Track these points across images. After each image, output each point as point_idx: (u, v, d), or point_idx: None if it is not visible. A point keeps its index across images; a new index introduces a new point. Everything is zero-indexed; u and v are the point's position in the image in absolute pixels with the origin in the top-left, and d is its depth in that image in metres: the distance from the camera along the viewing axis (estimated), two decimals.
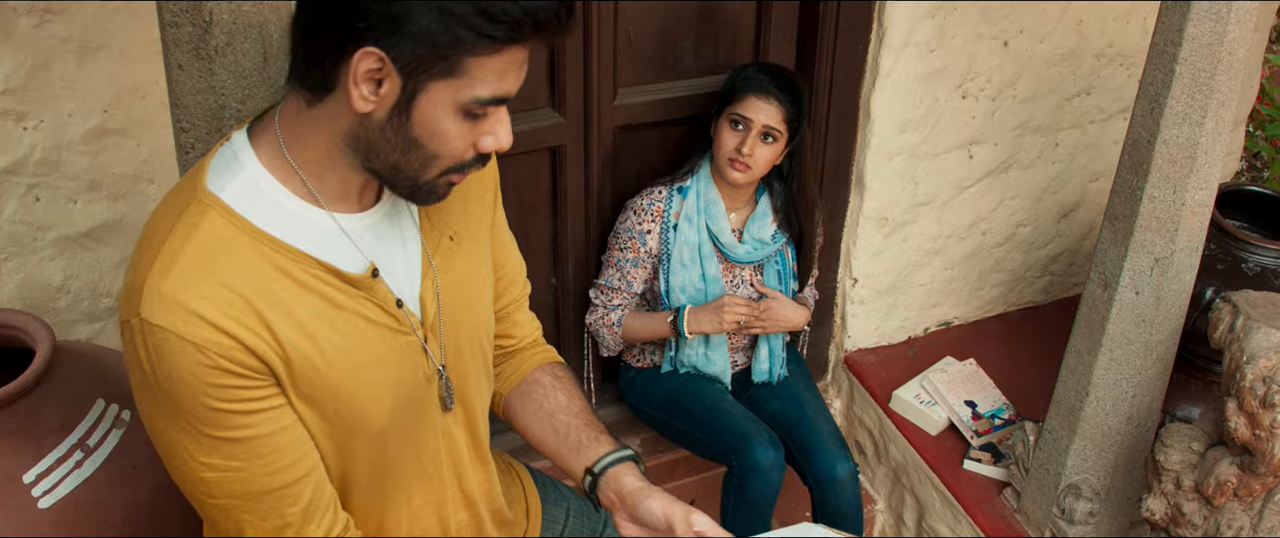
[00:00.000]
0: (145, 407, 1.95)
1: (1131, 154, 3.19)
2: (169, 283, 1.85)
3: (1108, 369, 3.40)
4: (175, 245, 1.88)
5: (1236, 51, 2.97)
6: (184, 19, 2.19)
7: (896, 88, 4.08)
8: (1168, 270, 3.22)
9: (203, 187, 1.94)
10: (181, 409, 1.89)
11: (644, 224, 3.73)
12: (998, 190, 4.56)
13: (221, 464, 1.94)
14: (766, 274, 3.85)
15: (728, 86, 3.68)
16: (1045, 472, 3.69)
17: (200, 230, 1.90)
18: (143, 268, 1.88)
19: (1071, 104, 4.49)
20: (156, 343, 1.85)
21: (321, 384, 2.01)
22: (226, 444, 1.93)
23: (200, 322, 1.85)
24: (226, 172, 1.96)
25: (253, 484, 1.98)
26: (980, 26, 4.11)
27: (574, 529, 2.78)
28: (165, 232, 1.91)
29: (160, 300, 1.84)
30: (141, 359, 1.88)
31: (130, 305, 1.88)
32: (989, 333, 4.82)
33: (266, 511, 2.02)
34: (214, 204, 1.92)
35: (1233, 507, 3.18)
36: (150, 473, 2.79)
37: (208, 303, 1.86)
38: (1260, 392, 2.92)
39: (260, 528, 2.02)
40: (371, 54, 1.80)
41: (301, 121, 1.95)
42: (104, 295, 3.32)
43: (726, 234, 3.76)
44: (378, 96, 1.85)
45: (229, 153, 1.99)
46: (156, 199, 3.24)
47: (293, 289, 1.96)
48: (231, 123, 2.27)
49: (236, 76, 2.24)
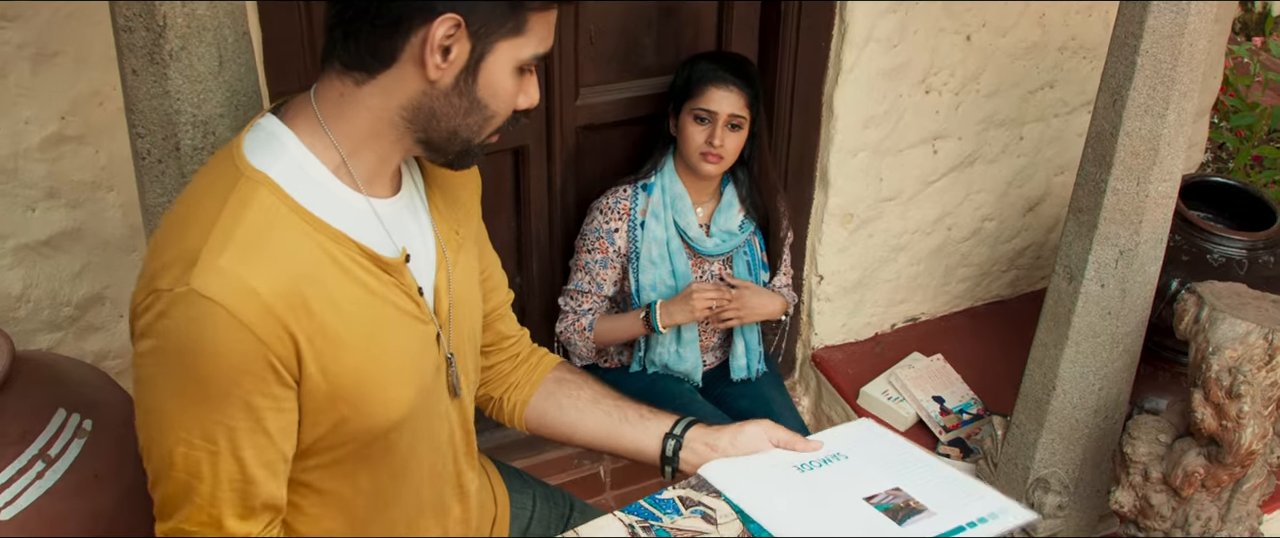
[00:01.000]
0: (147, 372, 1.93)
1: (1094, 147, 3.19)
2: (227, 257, 1.86)
3: (1074, 362, 3.40)
4: (229, 221, 1.90)
5: (1197, 43, 2.97)
6: (137, 23, 2.17)
7: (859, 84, 4.08)
8: (1132, 262, 3.22)
9: (248, 164, 1.96)
10: (195, 387, 1.90)
11: (611, 223, 3.72)
12: (963, 185, 4.56)
13: (201, 445, 1.94)
14: (736, 265, 3.84)
15: (683, 82, 3.66)
16: (1014, 466, 3.69)
17: (252, 207, 1.92)
18: (192, 240, 1.88)
19: (1035, 98, 4.50)
20: (198, 315, 1.85)
21: (348, 371, 2.02)
22: (220, 429, 1.93)
23: (254, 300, 1.86)
24: (268, 151, 1.99)
25: (219, 471, 1.97)
26: (942, 21, 4.11)
27: (541, 516, 2.81)
28: (215, 206, 1.92)
29: (217, 274, 1.85)
30: (170, 328, 1.86)
31: (174, 276, 1.86)
32: (956, 328, 4.83)
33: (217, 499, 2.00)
34: (264, 181, 1.95)
35: (1201, 498, 3.19)
36: (113, 482, 2.76)
37: (264, 281, 1.88)
38: (1226, 382, 2.93)
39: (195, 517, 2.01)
40: (448, 20, 1.90)
41: (347, 102, 2.01)
42: (64, 304, 3.30)
43: (694, 229, 3.74)
44: (447, 63, 1.95)
45: (265, 134, 2.02)
46: (117, 206, 3.22)
47: (335, 273, 1.99)
48: (187, 128, 2.26)
49: (192, 81, 2.23)
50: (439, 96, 1.99)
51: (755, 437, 2.49)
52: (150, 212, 2.38)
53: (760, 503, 2.33)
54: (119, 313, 3.40)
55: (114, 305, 3.38)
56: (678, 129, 3.67)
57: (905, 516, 2.27)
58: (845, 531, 2.23)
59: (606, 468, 4.21)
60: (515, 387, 2.63)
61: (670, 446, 2.48)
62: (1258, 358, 2.93)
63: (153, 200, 2.36)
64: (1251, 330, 2.92)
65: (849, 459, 2.47)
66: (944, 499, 2.32)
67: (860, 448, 2.51)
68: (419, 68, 1.95)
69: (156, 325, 1.88)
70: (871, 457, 2.48)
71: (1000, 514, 2.27)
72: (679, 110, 3.66)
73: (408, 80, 1.97)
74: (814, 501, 2.34)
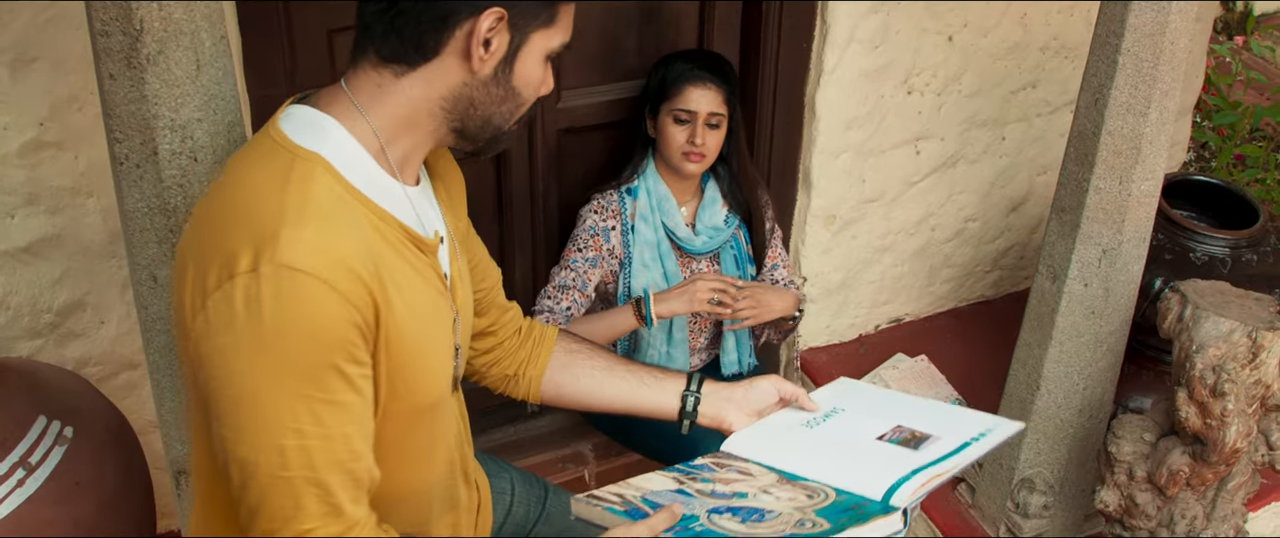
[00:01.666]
0: (237, 366, 1.88)
1: (1077, 146, 3.19)
2: (310, 230, 1.88)
3: (1058, 362, 3.40)
4: (297, 197, 1.91)
5: (1178, 42, 2.98)
6: (114, 27, 2.16)
7: (841, 85, 4.07)
8: (1115, 262, 3.22)
9: (298, 145, 1.98)
10: (293, 366, 1.88)
11: (607, 221, 3.69)
12: (946, 185, 4.56)
13: (312, 431, 1.91)
14: (723, 261, 3.83)
15: (658, 83, 3.65)
16: (998, 467, 3.70)
17: (315, 183, 1.94)
18: (265, 221, 1.87)
19: (1017, 98, 4.50)
20: (292, 289, 1.84)
21: (404, 346, 2.04)
22: (325, 408, 1.91)
23: (345, 268, 1.89)
24: (313, 134, 2.01)
25: (334, 452, 1.95)
26: (924, 21, 4.11)
27: (521, 499, 2.85)
28: (276, 186, 1.93)
29: (304, 245, 1.86)
30: (260, 310, 1.84)
31: (252, 257, 1.85)
32: (940, 329, 4.83)
33: (331, 486, 1.96)
34: (319, 161, 1.97)
35: (1186, 496, 3.19)
36: (94, 490, 2.76)
37: (348, 249, 1.91)
38: (1210, 381, 2.93)
39: (315, 511, 1.96)
40: (494, 13, 1.99)
41: (386, 93, 2.05)
42: (45, 311, 3.29)
43: (682, 229, 3.74)
44: (489, 54, 2.03)
45: (303, 120, 2.03)
46: (97, 212, 3.21)
47: (387, 252, 2.02)
48: (165, 132, 2.25)
49: (169, 85, 2.22)
50: (478, 86, 2.07)
51: (765, 391, 2.66)
52: (129, 217, 2.37)
53: (787, 457, 2.49)
54: (100, 319, 3.38)
55: (95, 312, 3.37)
56: (657, 131, 3.66)
57: (917, 444, 2.47)
58: (873, 465, 2.40)
59: (591, 471, 4.20)
60: (528, 362, 2.67)
61: (690, 401, 2.64)
62: (1241, 356, 2.93)
63: (132, 205, 2.35)
64: (1235, 329, 2.93)
65: (846, 412, 2.67)
66: (941, 426, 2.53)
67: (849, 401, 2.72)
68: (462, 60, 2.03)
69: (241, 312, 1.86)
70: (864, 406, 2.70)
71: (993, 429, 2.49)
72: (657, 112, 3.64)
73: (449, 72, 2.04)
74: (835, 448, 2.52)
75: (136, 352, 3.39)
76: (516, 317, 2.70)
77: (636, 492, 2.38)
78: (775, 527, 2.23)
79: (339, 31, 3.37)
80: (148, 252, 2.39)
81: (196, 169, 2.31)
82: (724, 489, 2.39)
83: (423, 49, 2.02)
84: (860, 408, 2.69)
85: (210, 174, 2.32)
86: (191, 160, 2.29)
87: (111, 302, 3.38)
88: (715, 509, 2.31)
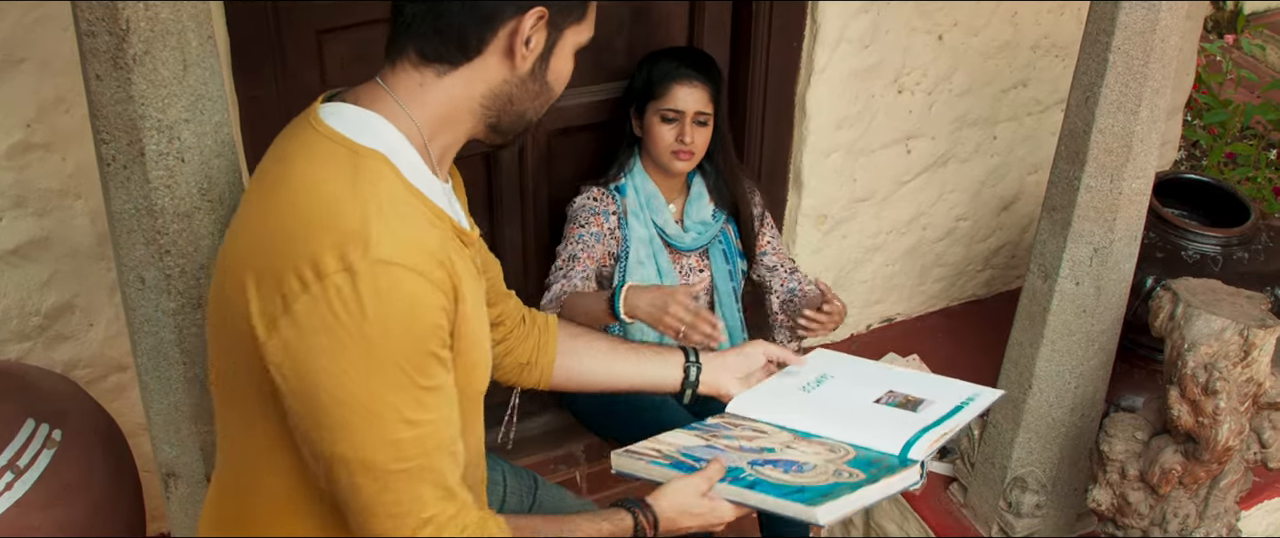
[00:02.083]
0: (340, 365, 1.89)
1: (1067, 144, 3.18)
2: (394, 224, 1.92)
3: (1050, 361, 3.39)
4: (371, 194, 1.94)
5: (1169, 39, 2.97)
6: (100, 27, 2.16)
7: (832, 84, 4.07)
8: (1107, 260, 3.22)
9: (356, 142, 2.00)
10: (398, 358, 1.91)
11: (605, 205, 3.68)
12: (936, 185, 4.56)
13: (422, 419, 1.96)
14: (712, 257, 3.82)
15: (644, 82, 3.64)
16: (991, 466, 3.69)
17: (384, 180, 1.98)
18: (348, 219, 1.90)
19: (1008, 96, 4.50)
20: (390, 283, 1.88)
21: (466, 333, 2.08)
22: (429, 394, 1.96)
23: (431, 257, 1.93)
24: (367, 132, 2.03)
25: (441, 436, 2.00)
26: (914, 20, 4.10)
27: (513, 490, 2.89)
28: (349, 184, 1.95)
29: (393, 239, 1.90)
30: (362, 309, 1.87)
31: (343, 256, 1.87)
32: (932, 328, 4.83)
33: (443, 469, 2.02)
34: (381, 159, 2.00)
35: (1178, 495, 3.18)
36: (83, 492, 2.75)
37: (430, 241, 1.96)
38: (1202, 379, 2.92)
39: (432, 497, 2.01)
40: (537, 12, 2.05)
41: (427, 91, 2.08)
42: (33, 314, 3.28)
43: (671, 226, 3.73)
44: (529, 51, 2.08)
45: (352, 118, 2.05)
46: (85, 214, 3.20)
47: (445, 243, 2.04)
48: (152, 133, 2.24)
49: (156, 85, 2.21)
50: (516, 83, 2.11)
51: (754, 356, 2.85)
52: (116, 218, 2.36)
53: (796, 418, 2.67)
54: (88, 321, 3.37)
55: (83, 314, 3.36)
56: (644, 129, 3.65)
57: (914, 407, 2.65)
58: (880, 425, 2.59)
59: (582, 473, 4.20)
60: (539, 349, 2.73)
61: (692, 371, 2.78)
62: (1233, 354, 2.93)
63: (119, 206, 2.34)
64: (1227, 326, 2.92)
65: (835, 378, 2.84)
66: (930, 391, 2.71)
67: (834, 369, 2.88)
68: (505, 58, 2.08)
69: (339, 312, 1.87)
70: (849, 374, 2.86)
71: (979, 396, 2.68)
72: (643, 111, 3.64)
73: (491, 70, 2.09)
74: (839, 410, 2.68)
75: (125, 354, 3.38)
76: (518, 305, 2.73)
77: (670, 447, 2.56)
78: (816, 477, 2.38)
79: (328, 32, 3.37)
80: (135, 253, 2.38)
81: (184, 169, 2.30)
82: (750, 445, 2.56)
83: (466, 48, 2.05)
84: (847, 375, 2.85)
85: (197, 175, 2.32)
86: (179, 161, 2.29)
87: (100, 304, 3.37)
88: (755, 461, 2.47)
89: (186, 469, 2.65)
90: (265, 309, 1.90)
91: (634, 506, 2.37)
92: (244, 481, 2.17)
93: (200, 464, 2.63)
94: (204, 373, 2.51)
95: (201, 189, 2.34)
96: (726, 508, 2.39)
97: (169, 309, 2.42)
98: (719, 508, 2.38)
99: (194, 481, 2.66)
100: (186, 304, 2.43)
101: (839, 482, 2.35)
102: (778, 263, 3.91)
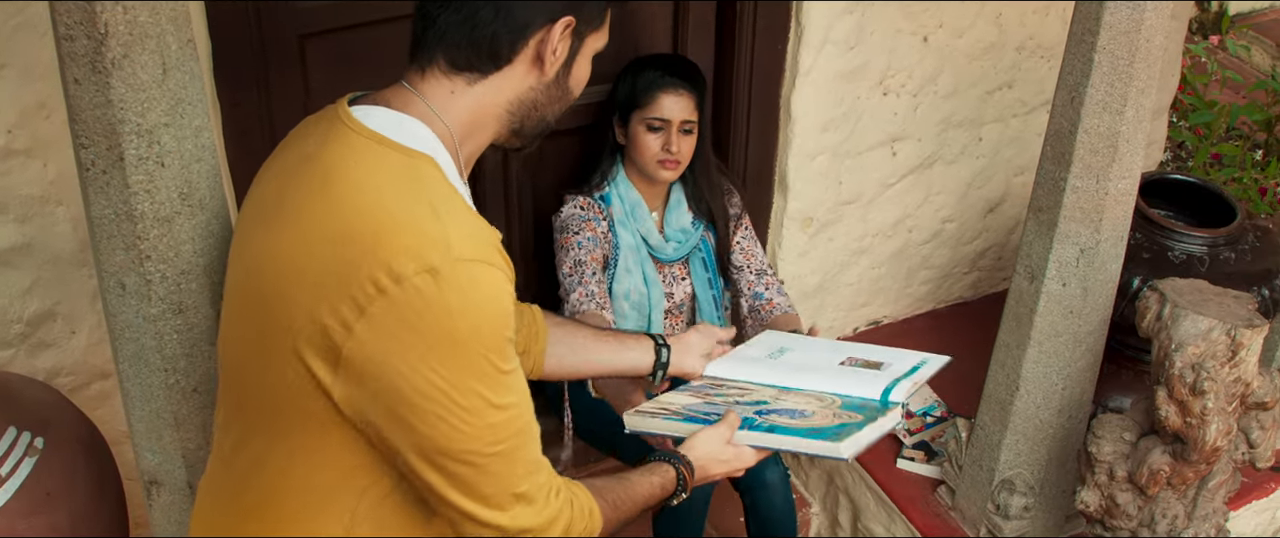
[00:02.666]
0: (430, 362, 1.94)
1: (1053, 145, 3.18)
2: (461, 222, 1.98)
3: (1037, 362, 3.39)
4: (431, 194, 1.99)
5: (1154, 39, 2.97)
6: (78, 31, 2.14)
7: (817, 86, 4.06)
8: (1094, 261, 3.21)
9: (406, 147, 2.04)
10: (484, 348, 1.96)
11: (592, 212, 3.67)
12: (922, 187, 4.55)
13: (508, 402, 2.02)
14: (692, 266, 3.81)
15: (629, 91, 3.63)
16: (978, 468, 3.68)
17: (441, 183, 2.03)
18: (419, 220, 1.94)
19: (994, 98, 4.49)
20: (472, 278, 1.93)
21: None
22: (510, 377, 2.03)
23: (497, 250, 2.00)
24: (410, 136, 2.06)
25: (525, 416, 2.08)
26: (899, 22, 4.09)
27: None
28: (409, 186, 1.99)
29: (465, 236, 1.95)
30: (448, 308, 1.91)
31: (420, 257, 1.91)
32: (919, 331, 4.81)
33: (530, 445, 2.11)
34: (432, 162, 2.05)
35: (1166, 496, 3.18)
36: (66, 500, 2.74)
37: (490, 236, 2.02)
38: (1190, 379, 2.92)
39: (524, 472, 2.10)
40: (566, 21, 2.11)
41: (458, 98, 2.12)
42: (15, 321, 3.26)
43: (654, 236, 3.73)
44: (555, 58, 2.14)
45: (390, 121, 2.07)
46: (67, 221, 3.19)
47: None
48: (131, 137, 2.22)
49: (134, 89, 2.19)
50: (542, 89, 2.17)
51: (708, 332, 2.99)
52: (96, 223, 2.34)
53: (775, 376, 2.86)
54: (71, 329, 3.36)
55: (66, 321, 3.34)
56: (628, 138, 3.64)
57: (877, 368, 2.83)
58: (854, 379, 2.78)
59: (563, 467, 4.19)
60: (532, 338, 2.75)
61: (664, 354, 2.86)
62: (1221, 354, 2.92)
63: (98, 212, 2.32)
64: (1214, 326, 2.92)
65: (794, 350, 3.03)
66: (885, 357, 2.91)
67: (789, 343, 3.08)
68: (534, 66, 2.13)
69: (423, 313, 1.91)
70: (805, 346, 3.06)
71: (928, 361, 2.89)
72: (628, 119, 3.62)
73: (519, 78, 2.14)
74: (812, 370, 2.86)
75: (108, 362, 3.36)
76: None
77: (676, 405, 2.77)
78: (821, 420, 2.58)
79: (310, 37, 3.35)
80: (115, 258, 2.36)
81: (164, 174, 2.28)
82: (744, 399, 2.75)
83: (497, 58, 2.10)
84: (804, 347, 3.05)
85: (177, 180, 2.30)
86: (159, 165, 2.27)
87: (82, 311, 3.35)
88: (759, 411, 2.67)
89: (169, 477, 2.63)
90: (331, 317, 1.92)
91: (672, 458, 2.53)
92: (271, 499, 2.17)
93: (182, 471, 2.61)
94: (185, 380, 2.50)
95: (182, 194, 2.32)
96: (749, 453, 2.60)
97: (149, 315, 2.40)
98: (743, 454, 2.60)
99: (176, 488, 2.64)
100: (167, 310, 2.40)
101: (844, 423, 2.55)
102: (744, 263, 3.92)
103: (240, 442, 2.16)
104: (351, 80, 2.12)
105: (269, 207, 2.08)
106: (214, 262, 2.42)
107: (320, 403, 1.99)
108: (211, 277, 2.43)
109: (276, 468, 2.11)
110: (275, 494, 2.13)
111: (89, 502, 2.83)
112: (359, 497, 2.09)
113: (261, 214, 2.09)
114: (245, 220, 2.16)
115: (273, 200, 2.08)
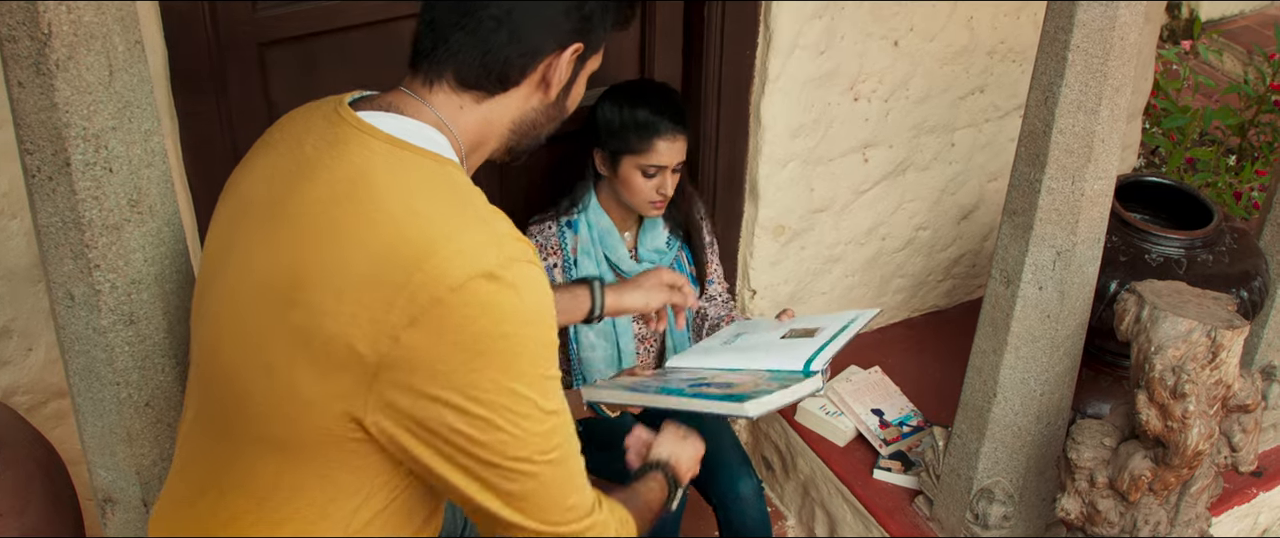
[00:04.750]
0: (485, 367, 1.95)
1: (1027, 146, 3.15)
2: (498, 226, 2.00)
3: (1014, 368, 3.36)
4: (470, 198, 2.03)
5: (1128, 37, 2.95)
6: (21, 32, 2.08)
7: (786, 92, 4.02)
8: (1070, 264, 3.18)
9: (430, 152, 2.06)
10: (533, 353, 1.99)
11: (547, 258, 3.64)
12: (895, 194, 4.52)
13: (556, 407, 2.05)
14: None
15: (618, 130, 3.54)
16: (956, 477, 3.65)
17: (469, 185, 2.07)
18: (467, 224, 1.97)
19: (966, 103, 4.46)
20: (523, 280, 1.96)
21: None
22: (554, 383, 2.05)
23: (530, 246, 2.02)
24: (431, 142, 2.09)
25: (570, 424, 2.11)
26: (869, 26, 4.06)
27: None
28: (445, 191, 2.03)
29: (508, 239, 1.98)
30: (502, 311, 1.93)
31: (484, 259, 1.93)
32: (893, 340, 4.79)
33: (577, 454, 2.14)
34: (458, 166, 2.10)
35: (1148, 501, 3.16)
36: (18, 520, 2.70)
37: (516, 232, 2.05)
38: (1170, 382, 2.90)
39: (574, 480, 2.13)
40: (575, 48, 2.16)
41: (466, 114, 2.16)
42: None
43: (626, 261, 3.69)
44: (559, 82, 2.18)
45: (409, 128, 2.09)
46: (20, 234, 3.13)
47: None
48: (77, 141, 2.17)
49: (80, 92, 2.14)
50: (542, 110, 2.23)
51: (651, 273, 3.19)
52: (44, 231, 2.29)
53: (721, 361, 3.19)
54: (27, 346, 3.29)
55: (22, 338, 3.28)
56: (616, 176, 3.58)
57: (810, 335, 3.13)
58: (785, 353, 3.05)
59: None
60: None
61: (597, 295, 3.07)
62: (1201, 356, 2.90)
63: (45, 220, 2.27)
64: (1194, 328, 2.90)
65: (752, 331, 3.43)
66: (820, 323, 3.22)
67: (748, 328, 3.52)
68: (540, 88, 2.19)
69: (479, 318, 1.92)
70: (762, 326, 3.47)
71: (858, 316, 3.21)
72: (616, 158, 3.55)
73: (524, 98, 2.19)
74: (754, 350, 3.19)
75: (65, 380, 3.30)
76: None
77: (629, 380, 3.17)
78: (742, 390, 2.82)
79: (271, 45, 3.30)
80: (63, 268, 2.31)
81: (112, 180, 2.22)
82: (689, 377, 3.07)
83: (506, 81, 2.15)
84: (760, 326, 3.45)
85: (126, 185, 2.25)
86: (106, 171, 2.21)
87: (38, 328, 3.29)
88: (693, 384, 2.97)
89: (123, 494, 2.58)
90: (374, 327, 1.91)
91: (651, 466, 2.66)
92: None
93: (137, 489, 2.56)
94: (137, 394, 2.45)
95: (131, 200, 2.27)
96: (698, 439, 2.80)
97: (99, 327, 2.34)
98: (693, 439, 2.79)
99: (131, 506, 2.59)
100: (118, 321, 2.35)
101: (759, 389, 2.79)
102: (721, 291, 4.00)
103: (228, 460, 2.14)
104: (316, 89, 2.07)
105: (261, 207, 2.07)
106: (165, 271, 2.37)
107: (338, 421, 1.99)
108: (163, 286, 2.37)
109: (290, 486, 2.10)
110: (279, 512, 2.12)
111: (43, 523, 2.78)
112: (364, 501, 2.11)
113: (252, 214, 2.08)
114: (228, 221, 2.15)
115: (267, 201, 2.07)
